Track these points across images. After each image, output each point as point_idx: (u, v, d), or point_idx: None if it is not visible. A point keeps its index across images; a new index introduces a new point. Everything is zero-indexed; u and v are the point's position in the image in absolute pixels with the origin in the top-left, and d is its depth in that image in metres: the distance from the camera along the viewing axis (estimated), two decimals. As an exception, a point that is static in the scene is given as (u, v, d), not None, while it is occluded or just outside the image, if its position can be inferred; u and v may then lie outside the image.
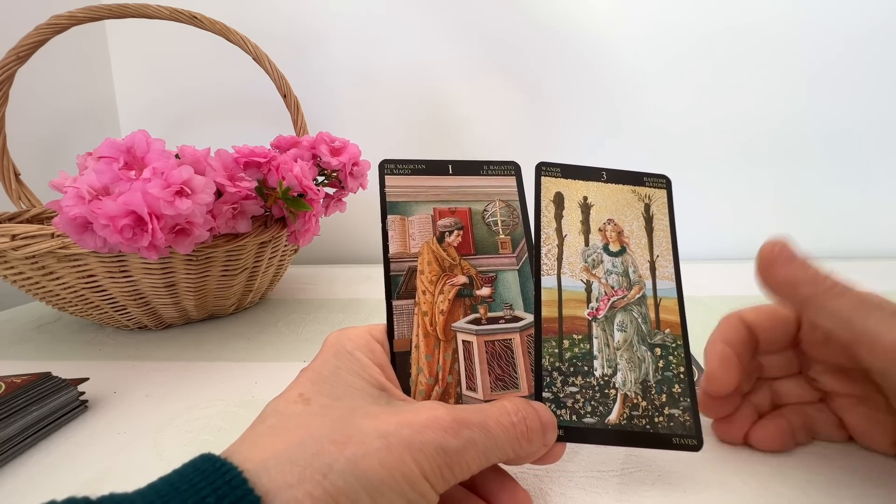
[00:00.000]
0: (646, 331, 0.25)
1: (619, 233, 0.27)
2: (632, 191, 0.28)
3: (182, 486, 0.15)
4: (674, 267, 0.26)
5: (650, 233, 0.27)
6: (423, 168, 0.27)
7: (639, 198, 0.27)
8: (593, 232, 0.26)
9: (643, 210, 0.27)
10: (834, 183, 0.71)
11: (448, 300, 0.25)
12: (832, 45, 0.67)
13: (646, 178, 0.28)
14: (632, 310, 0.25)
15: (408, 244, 0.25)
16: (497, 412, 0.20)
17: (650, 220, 0.27)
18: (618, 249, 0.26)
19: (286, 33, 0.73)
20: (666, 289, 0.26)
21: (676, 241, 0.27)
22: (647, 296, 0.26)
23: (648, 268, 0.26)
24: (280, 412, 0.19)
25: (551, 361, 0.24)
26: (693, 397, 0.24)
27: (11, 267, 0.41)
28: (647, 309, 0.25)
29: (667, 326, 0.25)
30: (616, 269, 0.26)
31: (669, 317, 0.25)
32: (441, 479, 0.18)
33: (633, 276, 0.26)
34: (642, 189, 0.28)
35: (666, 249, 0.27)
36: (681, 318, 0.25)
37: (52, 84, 0.69)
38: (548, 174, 0.27)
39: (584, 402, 0.23)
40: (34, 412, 0.30)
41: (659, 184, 0.28)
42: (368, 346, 0.22)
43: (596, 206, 0.27)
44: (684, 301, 0.26)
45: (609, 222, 0.27)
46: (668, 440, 0.23)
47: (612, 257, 0.26)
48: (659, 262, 0.26)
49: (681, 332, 0.25)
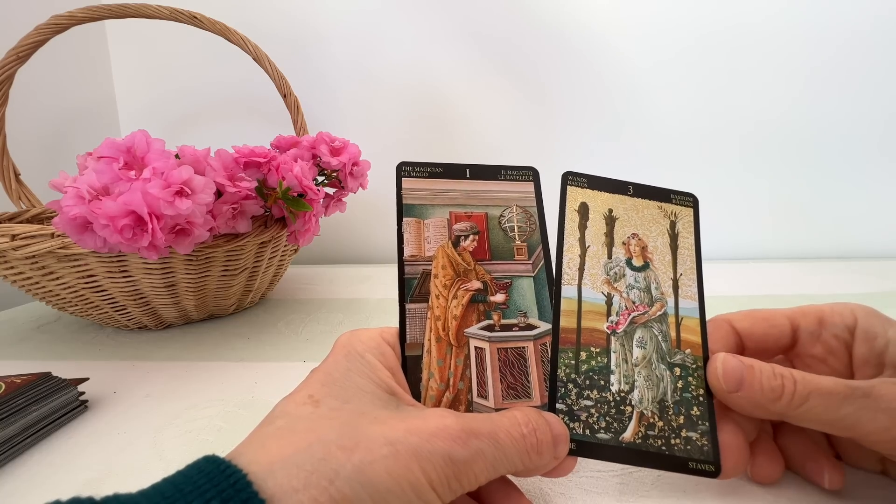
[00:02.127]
0: (665, 349, 0.24)
1: (643, 248, 0.26)
2: (658, 207, 0.27)
3: (186, 487, 0.15)
4: (697, 287, 0.26)
5: (675, 250, 0.26)
6: (441, 171, 0.27)
7: (664, 214, 0.27)
8: (617, 245, 0.26)
9: (669, 227, 0.27)
10: (833, 183, 0.71)
11: (462, 305, 0.24)
12: (832, 44, 0.67)
13: (673, 196, 0.27)
14: (652, 327, 0.25)
15: (423, 247, 0.25)
16: (507, 423, 0.20)
17: (675, 237, 0.27)
18: (641, 264, 0.26)
19: (286, 33, 0.73)
20: (688, 308, 0.25)
21: (701, 261, 0.26)
22: (668, 314, 0.25)
23: (671, 286, 0.25)
24: (289, 413, 0.19)
25: (567, 373, 0.23)
26: (712, 421, 0.23)
27: (11, 267, 0.41)
28: (667, 327, 0.25)
29: (687, 347, 0.24)
30: (638, 284, 0.25)
31: (691, 337, 0.25)
32: (448, 488, 0.18)
33: (655, 293, 0.25)
34: (669, 206, 0.27)
35: (690, 268, 0.26)
36: (702, 339, 0.25)
37: (52, 84, 0.69)
38: (574, 184, 0.27)
39: (599, 417, 0.23)
40: (34, 412, 0.30)
41: (686, 202, 0.28)
42: (380, 348, 0.22)
43: (621, 219, 0.26)
44: (706, 322, 0.25)
45: (633, 236, 0.26)
46: (683, 463, 0.22)
47: (634, 272, 0.25)
48: (682, 280, 0.26)
49: (702, 353, 0.24)
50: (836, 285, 0.59)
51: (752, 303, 0.53)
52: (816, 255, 0.74)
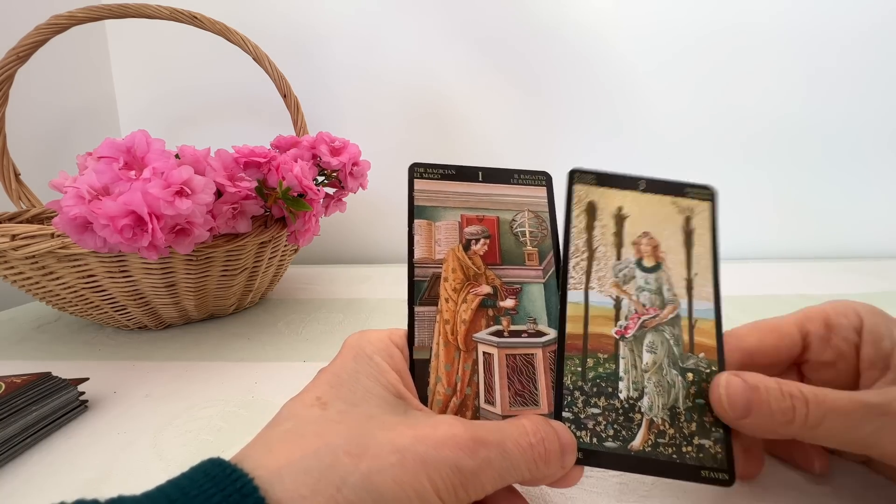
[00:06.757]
0: (678, 354, 0.23)
1: (654, 247, 0.25)
2: (672, 202, 0.26)
3: (192, 491, 0.15)
4: (713, 287, 0.24)
5: (689, 248, 0.25)
6: (453, 173, 0.26)
7: (679, 210, 0.25)
8: (626, 245, 0.25)
9: (683, 223, 0.25)
10: (834, 183, 0.71)
11: (471, 309, 0.24)
12: (835, 44, 0.67)
13: (688, 189, 0.26)
14: (664, 330, 0.24)
15: (433, 250, 0.25)
16: (515, 432, 0.19)
17: (690, 234, 0.25)
18: (652, 265, 0.24)
19: (286, 33, 0.73)
20: (703, 309, 0.24)
21: (718, 258, 0.25)
22: (681, 316, 0.24)
23: (685, 286, 0.24)
24: (296, 416, 0.19)
25: (573, 380, 0.22)
26: (727, 428, 0.22)
27: (11, 267, 0.41)
28: (680, 330, 0.24)
29: (701, 350, 0.23)
30: (649, 286, 0.24)
31: (705, 340, 0.23)
32: (455, 498, 0.17)
33: (667, 295, 0.24)
34: (684, 200, 0.26)
35: (705, 267, 0.25)
36: (717, 342, 0.23)
37: (52, 84, 0.69)
38: (581, 181, 0.25)
39: (607, 425, 0.22)
40: (34, 412, 0.30)
41: (704, 195, 0.26)
42: (388, 350, 0.22)
43: (631, 217, 0.25)
44: (722, 324, 0.24)
45: (644, 235, 0.25)
46: (696, 472, 0.21)
47: (645, 273, 0.24)
48: (697, 280, 0.24)
49: (717, 357, 0.23)
50: (837, 285, 0.59)
51: (754, 303, 0.54)
52: (817, 256, 0.74)
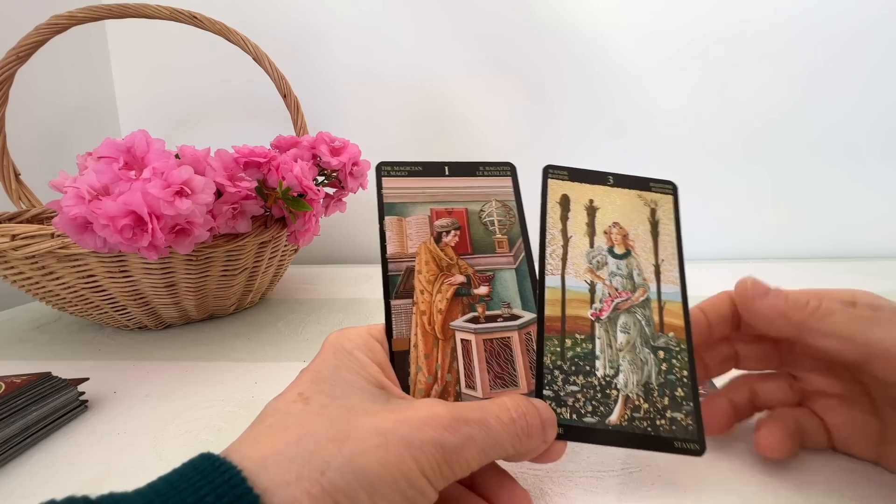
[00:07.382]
0: (649, 333, 0.25)
1: (624, 236, 0.27)
2: (638, 195, 0.28)
3: (181, 485, 0.15)
4: (679, 272, 0.26)
5: (655, 237, 0.27)
6: (420, 169, 0.27)
7: (644, 202, 0.28)
8: (598, 234, 0.26)
9: (649, 215, 0.27)
10: (834, 182, 0.71)
11: (446, 299, 0.25)
12: (834, 43, 0.67)
13: (652, 184, 0.28)
14: (635, 312, 0.25)
15: (405, 244, 0.26)
16: (496, 409, 0.20)
17: (656, 224, 0.27)
18: (622, 252, 0.26)
19: (286, 33, 0.73)
20: (670, 293, 0.26)
21: (682, 246, 0.27)
22: (651, 299, 0.26)
23: (653, 272, 0.26)
24: (279, 411, 0.19)
25: (553, 360, 0.24)
26: (696, 402, 0.24)
27: (11, 267, 0.41)
28: (651, 312, 0.25)
29: (671, 330, 0.25)
30: (620, 271, 0.26)
31: (673, 321, 0.25)
32: (440, 476, 0.18)
33: (637, 279, 0.26)
34: (648, 194, 0.28)
35: (671, 254, 0.27)
36: (685, 322, 0.25)
37: (52, 84, 0.69)
38: (555, 177, 0.27)
39: (585, 402, 0.23)
40: (34, 412, 0.30)
41: (666, 190, 0.28)
42: (368, 345, 0.22)
43: (602, 209, 0.27)
44: (689, 305, 0.26)
45: (614, 225, 0.27)
46: (669, 443, 0.23)
47: (616, 260, 0.26)
48: (664, 266, 0.26)
49: (685, 336, 0.25)
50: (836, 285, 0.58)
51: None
52: (818, 256, 0.74)
